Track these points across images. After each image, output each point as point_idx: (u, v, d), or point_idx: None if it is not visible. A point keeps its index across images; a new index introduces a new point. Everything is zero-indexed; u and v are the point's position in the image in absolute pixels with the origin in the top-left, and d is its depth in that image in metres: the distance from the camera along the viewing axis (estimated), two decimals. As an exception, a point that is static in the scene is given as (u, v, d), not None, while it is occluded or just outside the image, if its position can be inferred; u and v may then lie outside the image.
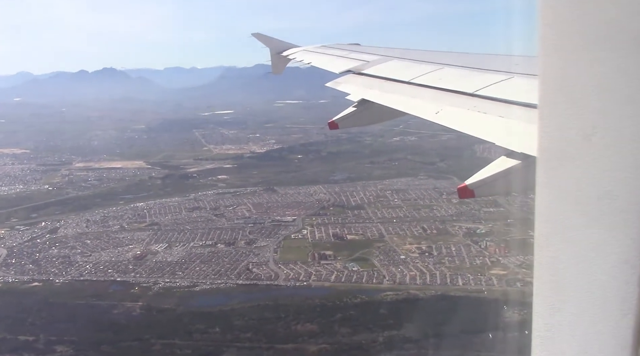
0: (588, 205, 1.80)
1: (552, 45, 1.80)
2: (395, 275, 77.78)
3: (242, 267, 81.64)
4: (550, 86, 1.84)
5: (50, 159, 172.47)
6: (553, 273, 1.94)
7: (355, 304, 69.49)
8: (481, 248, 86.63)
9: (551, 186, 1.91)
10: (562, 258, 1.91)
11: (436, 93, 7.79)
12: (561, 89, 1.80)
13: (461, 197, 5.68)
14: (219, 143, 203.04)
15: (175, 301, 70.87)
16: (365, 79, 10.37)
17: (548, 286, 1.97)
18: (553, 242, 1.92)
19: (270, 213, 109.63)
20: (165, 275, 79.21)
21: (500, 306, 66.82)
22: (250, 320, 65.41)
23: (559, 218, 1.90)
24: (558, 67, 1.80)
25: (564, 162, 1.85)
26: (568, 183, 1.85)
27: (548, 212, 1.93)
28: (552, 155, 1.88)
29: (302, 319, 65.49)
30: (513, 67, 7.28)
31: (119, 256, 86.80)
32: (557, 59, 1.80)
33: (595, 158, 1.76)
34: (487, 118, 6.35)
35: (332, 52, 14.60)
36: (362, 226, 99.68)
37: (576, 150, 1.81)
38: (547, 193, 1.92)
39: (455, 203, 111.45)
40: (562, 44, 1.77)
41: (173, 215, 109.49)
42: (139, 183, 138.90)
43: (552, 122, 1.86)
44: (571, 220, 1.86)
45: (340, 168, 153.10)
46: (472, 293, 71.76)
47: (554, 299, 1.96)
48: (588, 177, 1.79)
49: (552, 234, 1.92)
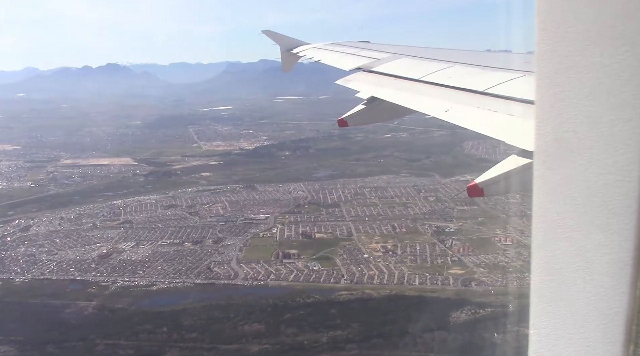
0: (584, 204, 1.81)
1: (548, 46, 1.82)
2: (354, 275, 77.72)
3: (203, 266, 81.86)
4: (546, 87, 1.87)
5: (39, 156, 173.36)
6: (550, 271, 1.96)
7: (307, 304, 69.53)
8: (446, 247, 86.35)
9: (547, 186, 1.92)
10: (559, 257, 1.92)
11: (446, 91, 7.86)
12: (557, 89, 1.83)
13: (470, 196, 5.71)
14: (210, 139, 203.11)
15: (129, 301, 71.19)
16: (375, 76, 10.45)
17: (545, 284, 1.98)
18: (550, 240, 1.93)
19: (244, 211, 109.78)
20: (126, 274, 79.53)
21: (448, 307, 66.82)
22: (198, 320, 65.58)
23: (555, 217, 1.90)
24: (554, 67, 1.82)
25: (560, 162, 1.87)
26: (564, 183, 1.86)
27: (545, 212, 1.94)
28: (549, 156, 1.92)
29: (250, 319, 65.60)
30: (524, 66, 7.36)
31: (85, 254, 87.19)
32: (553, 60, 1.82)
33: (590, 159, 1.77)
34: (497, 116, 6.40)
35: (342, 49, 14.72)
36: (333, 224, 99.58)
37: (572, 151, 1.82)
38: (543, 192, 1.94)
39: (431, 201, 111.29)
40: (558, 44, 1.78)
41: (148, 213, 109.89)
42: (122, 181, 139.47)
43: (548, 122, 1.90)
44: (567, 220, 1.87)
45: (325, 165, 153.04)
46: (425, 292, 71.54)
47: (551, 297, 1.97)
48: (584, 177, 1.80)
49: (549, 233, 1.94)
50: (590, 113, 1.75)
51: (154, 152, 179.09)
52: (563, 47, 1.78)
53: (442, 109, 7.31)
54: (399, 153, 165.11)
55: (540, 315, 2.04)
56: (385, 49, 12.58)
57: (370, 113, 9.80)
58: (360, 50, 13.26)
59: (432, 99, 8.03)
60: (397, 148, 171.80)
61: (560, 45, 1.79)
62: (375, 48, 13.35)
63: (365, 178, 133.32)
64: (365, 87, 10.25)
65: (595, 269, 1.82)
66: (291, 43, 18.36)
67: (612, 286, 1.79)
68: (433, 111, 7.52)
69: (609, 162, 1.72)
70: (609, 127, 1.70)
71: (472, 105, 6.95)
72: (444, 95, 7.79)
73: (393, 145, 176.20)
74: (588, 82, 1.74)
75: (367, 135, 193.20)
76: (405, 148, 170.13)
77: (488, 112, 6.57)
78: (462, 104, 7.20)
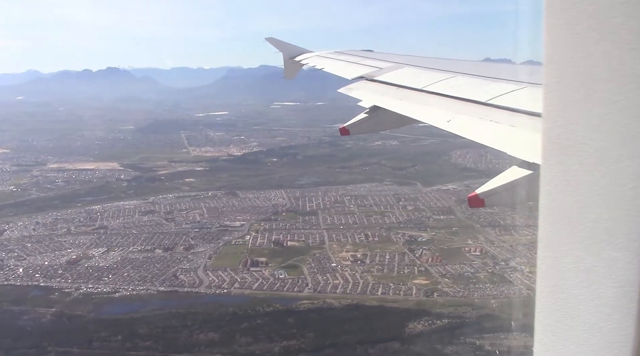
0: (590, 205, 1.80)
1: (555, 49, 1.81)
2: (318, 283, 77.49)
3: (169, 274, 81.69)
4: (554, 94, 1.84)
5: (26, 159, 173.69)
6: (555, 273, 1.94)
7: (266, 313, 69.32)
8: (415, 257, 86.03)
9: (554, 186, 1.90)
10: (565, 259, 1.90)
11: (448, 102, 7.86)
12: (564, 90, 1.81)
13: (471, 206, 5.71)
14: (200, 145, 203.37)
15: (89, 308, 71.00)
16: (378, 85, 10.48)
17: (551, 287, 1.96)
18: (556, 242, 1.92)
19: (221, 218, 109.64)
20: (91, 281, 79.39)
21: (405, 318, 66.57)
22: (155, 328, 65.40)
23: (561, 218, 1.90)
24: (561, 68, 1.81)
25: (567, 162, 1.85)
26: (571, 183, 1.85)
27: (551, 213, 1.93)
28: (555, 157, 1.88)
29: (207, 328, 65.41)
30: (527, 77, 7.34)
31: (53, 260, 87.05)
32: (560, 67, 1.80)
33: (598, 159, 1.76)
34: (499, 127, 6.40)
35: (345, 58, 14.78)
36: (307, 232, 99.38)
37: (579, 150, 1.80)
38: (550, 193, 1.92)
39: (409, 210, 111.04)
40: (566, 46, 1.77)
41: (124, 219, 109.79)
42: (105, 185, 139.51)
43: (555, 123, 1.87)
44: (574, 220, 1.85)
45: (310, 172, 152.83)
46: (386, 303, 71.18)
47: (557, 300, 1.95)
48: (592, 177, 1.79)
49: (555, 234, 1.92)
50: (598, 112, 1.73)
51: (141, 157, 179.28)
52: (570, 50, 1.77)
53: (444, 119, 7.36)
54: (386, 161, 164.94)
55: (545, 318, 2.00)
56: (388, 58, 12.69)
57: (372, 123, 9.92)
58: (363, 59, 13.37)
59: (435, 109, 8.06)
60: (384, 156, 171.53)
61: (568, 47, 1.77)
62: (378, 57, 13.46)
63: (348, 186, 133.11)
64: (367, 96, 10.36)
65: (604, 271, 1.79)
66: (294, 51, 18.42)
67: (621, 289, 1.76)
68: (435, 121, 7.58)
69: (617, 161, 1.71)
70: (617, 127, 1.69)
71: (474, 115, 6.98)
72: (446, 105, 7.81)
73: (381, 153, 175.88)
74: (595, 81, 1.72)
75: (357, 143, 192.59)
76: (393, 156, 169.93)
77: (491, 123, 6.60)
78: (464, 115, 7.24)
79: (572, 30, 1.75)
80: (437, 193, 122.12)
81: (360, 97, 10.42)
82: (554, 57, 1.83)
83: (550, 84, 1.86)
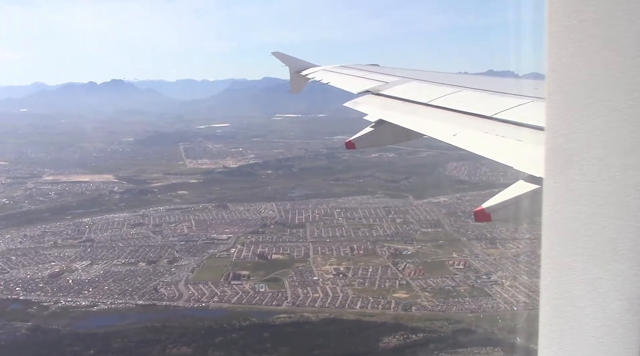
0: (594, 216, 1.79)
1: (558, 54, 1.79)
2: (298, 297, 77.16)
3: (150, 287, 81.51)
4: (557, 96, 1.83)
5: (22, 172, 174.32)
6: (559, 285, 1.92)
7: (242, 327, 68.99)
8: (398, 270, 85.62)
9: (558, 197, 1.90)
10: (569, 271, 1.88)
11: (454, 116, 7.90)
12: (567, 99, 1.80)
13: (477, 221, 5.68)
14: (197, 157, 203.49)
15: (65, 322, 70.81)
16: (384, 99, 10.55)
17: (555, 299, 1.94)
18: (560, 253, 1.91)
19: (209, 230, 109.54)
20: (70, 294, 79.28)
21: (381, 332, 66.14)
22: (129, 343, 65.17)
23: (565, 229, 1.89)
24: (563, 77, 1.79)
25: (571, 172, 1.84)
26: (574, 193, 1.84)
27: (554, 224, 1.92)
28: (558, 167, 1.87)
29: (181, 342, 65.17)
30: (532, 91, 7.39)
31: (36, 273, 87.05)
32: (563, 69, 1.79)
33: (601, 169, 1.75)
34: (505, 141, 6.42)
35: (351, 72, 14.84)
36: (292, 245, 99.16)
37: (582, 160, 1.79)
38: (553, 204, 1.92)
39: (397, 223, 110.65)
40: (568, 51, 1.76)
41: (112, 232, 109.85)
42: (97, 198, 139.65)
43: (558, 132, 1.85)
44: (577, 231, 1.84)
45: (304, 184, 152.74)
46: (364, 316, 70.81)
47: (561, 312, 1.93)
48: (595, 187, 1.77)
49: (559, 245, 1.91)
50: (602, 117, 1.72)
51: (137, 169, 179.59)
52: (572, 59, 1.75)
53: (450, 133, 7.37)
54: (380, 173, 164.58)
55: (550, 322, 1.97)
56: (394, 73, 12.73)
57: (378, 136, 9.88)
58: (369, 73, 13.41)
59: (441, 123, 8.08)
60: (379, 168, 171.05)
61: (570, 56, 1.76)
62: (384, 71, 13.53)
63: (339, 198, 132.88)
64: (373, 109, 10.37)
65: (609, 274, 1.78)
66: (300, 65, 18.47)
67: (626, 291, 1.75)
68: (441, 135, 7.60)
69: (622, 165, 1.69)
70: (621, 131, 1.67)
71: (480, 130, 6.99)
72: (452, 119, 7.84)
73: (376, 165, 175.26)
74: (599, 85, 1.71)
75: (354, 155, 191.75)
76: (388, 169, 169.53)
77: (497, 137, 6.60)
78: (470, 129, 7.25)
79: (574, 39, 1.73)
80: (428, 206, 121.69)
81: (366, 111, 10.48)
82: (556, 66, 1.80)
83: (553, 93, 1.84)
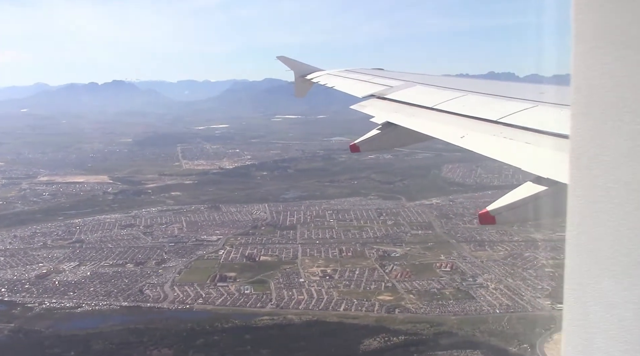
0: (621, 239, 1.74)
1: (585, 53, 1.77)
2: (282, 299, 77.01)
3: (136, 288, 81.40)
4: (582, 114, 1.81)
5: (18, 172, 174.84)
6: (581, 306, 1.89)
7: (224, 329, 68.91)
8: (385, 272, 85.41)
9: (582, 218, 1.86)
10: (592, 293, 1.84)
11: (460, 120, 7.96)
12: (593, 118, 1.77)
13: (482, 223, 5.59)
14: (193, 158, 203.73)
15: (48, 324, 70.70)
16: (389, 103, 10.60)
17: (577, 321, 1.91)
18: (583, 275, 1.87)
19: (199, 232, 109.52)
20: (56, 296, 79.20)
21: (363, 334, 66.00)
22: (110, 345, 65.08)
23: (589, 251, 1.85)
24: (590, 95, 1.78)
25: (596, 193, 1.80)
26: (600, 215, 1.80)
27: (578, 244, 1.89)
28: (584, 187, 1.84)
29: (162, 344, 65.05)
30: (536, 96, 7.47)
31: (23, 274, 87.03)
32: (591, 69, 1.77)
33: (627, 191, 1.71)
34: (513, 144, 6.44)
35: (356, 76, 14.99)
36: (281, 247, 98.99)
37: (608, 182, 1.75)
38: (578, 226, 1.87)
39: (388, 225, 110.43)
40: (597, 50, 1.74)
41: (103, 233, 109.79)
42: (90, 199, 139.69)
43: (584, 151, 1.82)
44: (602, 253, 1.80)
45: (298, 186, 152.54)
46: (347, 319, 70.61)
47: (583, 335, 1.89)
48: (622, 209, 1.73)
49: (582, 266, 1.88)
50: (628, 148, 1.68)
51: (133, 170, 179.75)
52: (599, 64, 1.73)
53: (458, 136, 7.41)
54: (376, 175, 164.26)
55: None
56: (399, 77, 12.83)
57: (385, 139, 9.85)
58: (374, 78, 13.53)
59: (447, 126, 8.10)
60: (375, 170, 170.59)
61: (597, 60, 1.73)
62: (389, 75, 13.59)
63: (332, 200, 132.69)
64: (379, 112, 10.37)
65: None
66: (305, 69, 18.64)
67: None
68: (448, 137, 7.63)
69: None
70: None
71: (487, 132, 7.04)
72: (459, 122, 7.88)
73: (372, 167, 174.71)
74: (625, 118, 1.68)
75: (351, 156, 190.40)
76: (383, 171, 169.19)
77: (504, 139, 6.63)
78: (477, 132, 7.30)
79: (601, 44, 1.70)
80: (420, 208, 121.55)
81: (372, 114, 10.48)
82: (582, 71, 1.78)
83: (578, 112, 1.82)
